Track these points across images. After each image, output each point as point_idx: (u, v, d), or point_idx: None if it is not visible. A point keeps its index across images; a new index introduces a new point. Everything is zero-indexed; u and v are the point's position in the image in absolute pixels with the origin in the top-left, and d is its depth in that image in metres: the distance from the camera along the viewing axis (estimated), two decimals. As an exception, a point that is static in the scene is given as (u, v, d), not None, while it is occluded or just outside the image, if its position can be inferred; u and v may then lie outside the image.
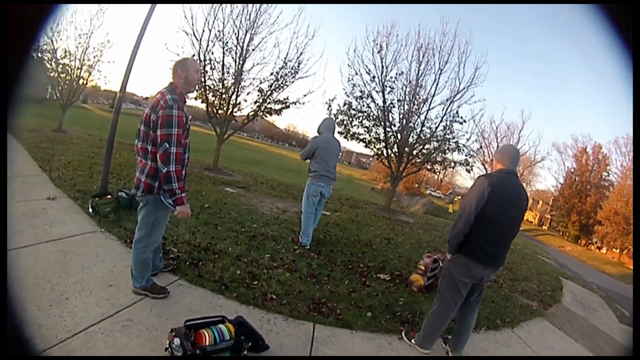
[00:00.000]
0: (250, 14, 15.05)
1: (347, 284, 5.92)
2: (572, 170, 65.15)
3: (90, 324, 3.38)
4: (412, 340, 4.60)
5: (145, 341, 3.35)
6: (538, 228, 72.11)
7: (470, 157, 16.77)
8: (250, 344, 3.49)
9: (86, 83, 18.60)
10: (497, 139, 40.43)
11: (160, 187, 3.83)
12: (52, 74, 17.75)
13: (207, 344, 3.20)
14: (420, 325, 4.74)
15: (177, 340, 3.12)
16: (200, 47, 14.63)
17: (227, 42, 14.89)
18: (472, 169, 17.32)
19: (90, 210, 6.14)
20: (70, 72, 17.82)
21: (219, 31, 14.71)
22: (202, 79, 14.59)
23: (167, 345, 3.17)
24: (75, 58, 17.48)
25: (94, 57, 17.85)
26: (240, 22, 14.96)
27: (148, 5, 7.04)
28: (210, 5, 14.55)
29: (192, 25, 14.48)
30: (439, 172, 18.61)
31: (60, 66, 17.69)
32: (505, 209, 4.06)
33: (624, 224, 50.52)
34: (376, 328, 4.76)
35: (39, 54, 17.53)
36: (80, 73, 17.78)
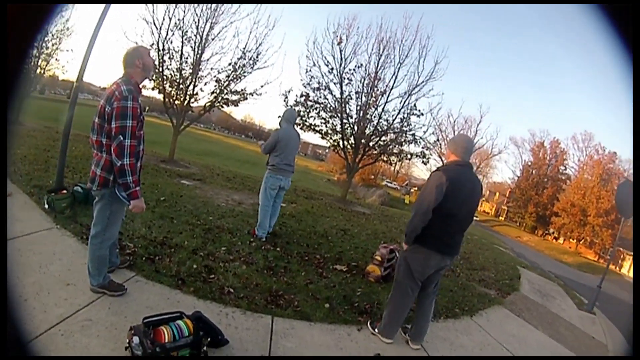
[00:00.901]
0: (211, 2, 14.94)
1: (304, 275, 6.02)
2: (529, 163, 67.36)
3: (49, 326, 3.36)
4: (376, 330, 4.71)
5: (105, 341, 3.36)
6: (495, 219, 74.06)
7: (426, 150, 17.11)
8: (209, 339, 3.51)
9: (43, 72, 18.04)
10: (454, 131, 41.50)
11: (115, 180, 3.81)
12: None
13: (167, 341, 3.21)
14: (379, 315, 4.88)
15: (136, 339, 3.13)
16: (159, 36, 14.45)
17: (187, 31, 14.77)
18: (428, 161, 17.76)
19: (46, 206, 6.04)
20: (27, 60, 17.13)
21: (179, 19, 14.54)
22: (160, 69, 14.43)
23: (127, 344, 3.18)
24: (32, 45, 16.90)
25: (52, 45, 17.31)
26: (202, 10, 14.83)
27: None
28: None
29: (153, 13, 14.27)
30: (395, 163, 18.88)
31: (17, 54, 16.95)
32: (462, 201, 4.19)
33: (581, 215, 52.80)
34: (335, 319, 4.86)
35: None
36: (37, 62, 17.22)
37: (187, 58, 15.01)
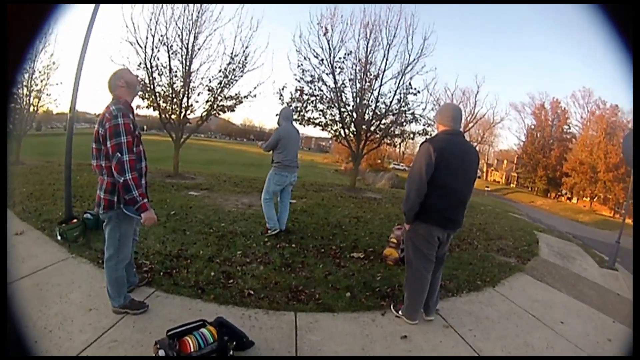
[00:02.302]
0: (192, 13, 14.91)
1: (321, 268, 6.03)
2: (533, 127, 67.33)
3: (77, 352, 3.40)
4: (400, 312, 4.69)
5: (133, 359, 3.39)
6: (506, 187, 73.95)
7: (428, 126, 16.92)
8: (234, 343, 3.52)
9: (37, 109, 18.14)
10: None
11: (120, 200, 3.83)
12: None
13: (192, 350, 3.24)
14: (402, 297, 4.85)
15: (161, 352, 3.16)
16: (145, 55, 14.40)
17: (172, 45, 14.72)
18: (432, 138, 17.51)
19: (59, 237, 6.08)
20: (18, 100, 17.24)
21: (162, 35, 14.50)
22: (152, 86, 14.44)
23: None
24: (22, 85, 17.01)
25: (41, 81, 17.38)
26: (183, 22, 14.80)
27: (87, 20, 6.95)
28: (151, 11, 14.35)
29: (135, 33, 14.22)
30: (400, 144, 18.78)
31: (7, 97, 17.01)
32: (455, 170, 4.13)
33: (591, 172, 52.53)
34: (357, 307, 4.86)
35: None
36: (29, 100, 17.31)
37: (176, 72, 14.98)
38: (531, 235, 11.15)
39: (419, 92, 16.60)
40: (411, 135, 17.46)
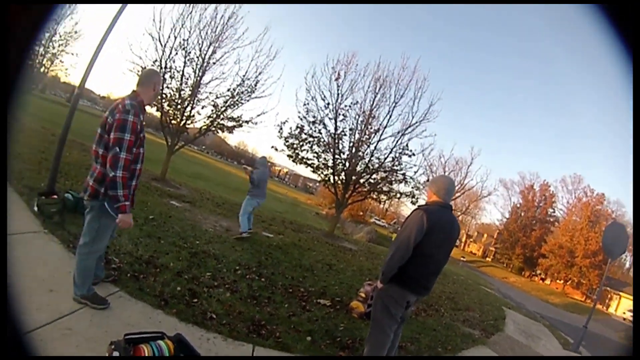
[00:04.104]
0: (217, 26, 15.10)
1: (287, 307, 5.98)
2: (518, 205, 68.58)
3: (28, 329, 3.27)
4: None
5: (83, 352, 3.31)
6: (482, 260, 74.50)
7: (416, 190, 17.00)
8: None
9: (47, 72, 18.10)
10: (444, 172, 41.41)
11: (106, 193, 3.81)
12: None
13: (146, 359, 3.17)
14: (361, 351, 4.84)
15: (116, 354, 3.09)
16: (163, 53, 14.54)
17: (190, 52, 14.85)
18: (417, 201, 17.45)
19: (36, 208, 6.02)
20: (31, 57, 17.22)
21: (184, 39, 14.67)
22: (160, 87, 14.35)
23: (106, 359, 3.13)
24: (40, 43, 16.93)
25: (59, 46, 17.37)
26: (207, 32, 14.98)
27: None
28: (180, 12, 14.54)
29: (159, 29, 14.42)
30: (385, 201, 18.81)
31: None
32: (441, 243, 4.17)
33: (568, 256, 54.25)
34: (315, 353, 4.83)
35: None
36: (42, 60, 17.24)
37: (187, 79, 15.10)
38: (499, 311, 11.22)
39: (414, 154, 16.76)
40: (398, 195, 17.49)
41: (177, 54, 14.75)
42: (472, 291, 14.51)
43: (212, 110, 15.58)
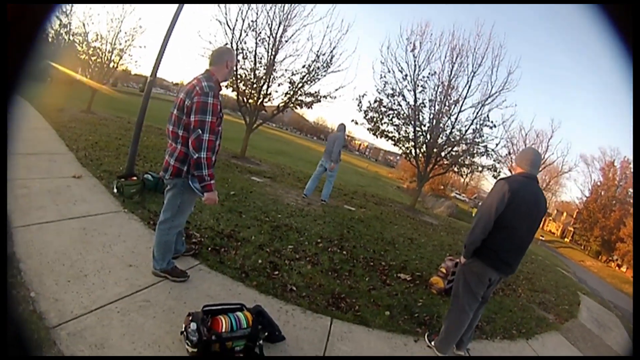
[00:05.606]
0: (284, 5, 14.95)
1: (367, 281, 5.86)
2: (599, 183, 64.29)
3: (107, 302, 3.37)
4: (432, 343, 4.52)
5: (161, 323, 3.33)
6: (560, 240, 71.33)
7: (498, 163, 16.43)
8: (266, 333, 3.45)
9: (117, 66, 18.79)
10: (525, 145, 39.78)
11: (189, 171, 3.83)
12: (83, 57, 17.99)
13: (224, 330, 3.15)
14: (438, 328, 4.71)
15: (193, 325, 3.07)
16: (233, 36, 14.58)
17: (260, 33, 14.81)
18: (499, 175, 16.93)
19: (115, 190, 6.15)
20: (101, 55, 18.07)
21: (252, 21, 14.62)
22: (235, 68, 14.52)
23: (183, 329, 3.13)
24: (106, 42, 17.68)
25: (126, 41, 18.04)
26: (274, 12, 14.87)
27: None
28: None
29: (226, 14, 14.45)
30: (466, 175, 18.27)
31: (92, 49, 17.91)
32: (524, 215, 3.96)
33: None
34: (393, 328, 4.69)
35: (71, 37, 18.03)
36: (111, 56, 17.97)
37: (261, 59, 15.07)
38: (574, 296, 10.71)
39: (495, 125, 16.11)
40: (479, 168, 16.92)
41: (247, 35, 14.76)
42: (549, 272, 13.85)
43: (289, 87, 15.51)
